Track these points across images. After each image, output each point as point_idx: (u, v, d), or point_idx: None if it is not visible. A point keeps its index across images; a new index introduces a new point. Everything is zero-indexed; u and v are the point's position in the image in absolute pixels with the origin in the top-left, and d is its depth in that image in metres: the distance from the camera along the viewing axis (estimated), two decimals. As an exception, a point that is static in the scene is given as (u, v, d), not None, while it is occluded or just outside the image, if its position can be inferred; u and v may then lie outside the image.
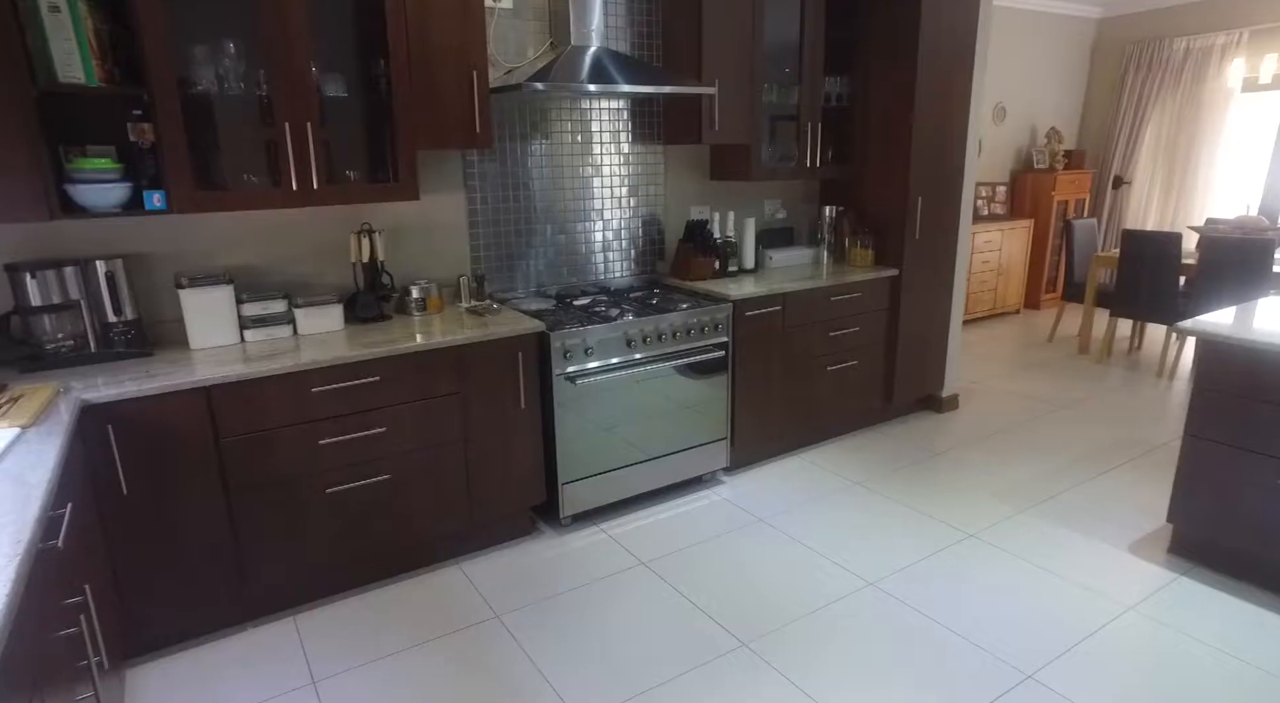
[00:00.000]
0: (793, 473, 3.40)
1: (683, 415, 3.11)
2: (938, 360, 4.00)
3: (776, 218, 3.92)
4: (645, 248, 3.54)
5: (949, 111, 3.65)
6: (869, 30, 3.64)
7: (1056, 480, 3.29)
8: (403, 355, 2.39)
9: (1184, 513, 2.60)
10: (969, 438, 3.77)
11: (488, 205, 3.08)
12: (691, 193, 3.62)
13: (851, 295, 3.54)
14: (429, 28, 2.50)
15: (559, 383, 2.75)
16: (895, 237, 3.68)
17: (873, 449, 3.64)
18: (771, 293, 3.25)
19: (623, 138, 3.36)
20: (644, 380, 2.96)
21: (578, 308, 3.05)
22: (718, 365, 3.15)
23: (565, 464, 2.84)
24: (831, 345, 3.54)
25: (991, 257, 6.09)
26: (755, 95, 3.32)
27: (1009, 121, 6.46)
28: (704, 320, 3.07)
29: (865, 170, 3.77)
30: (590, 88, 2.70)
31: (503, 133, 3.04)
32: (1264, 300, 2.84)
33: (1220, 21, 6.04)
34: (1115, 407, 4.21)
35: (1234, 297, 4.34)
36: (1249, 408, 2.38)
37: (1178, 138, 6.40)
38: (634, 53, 3.28)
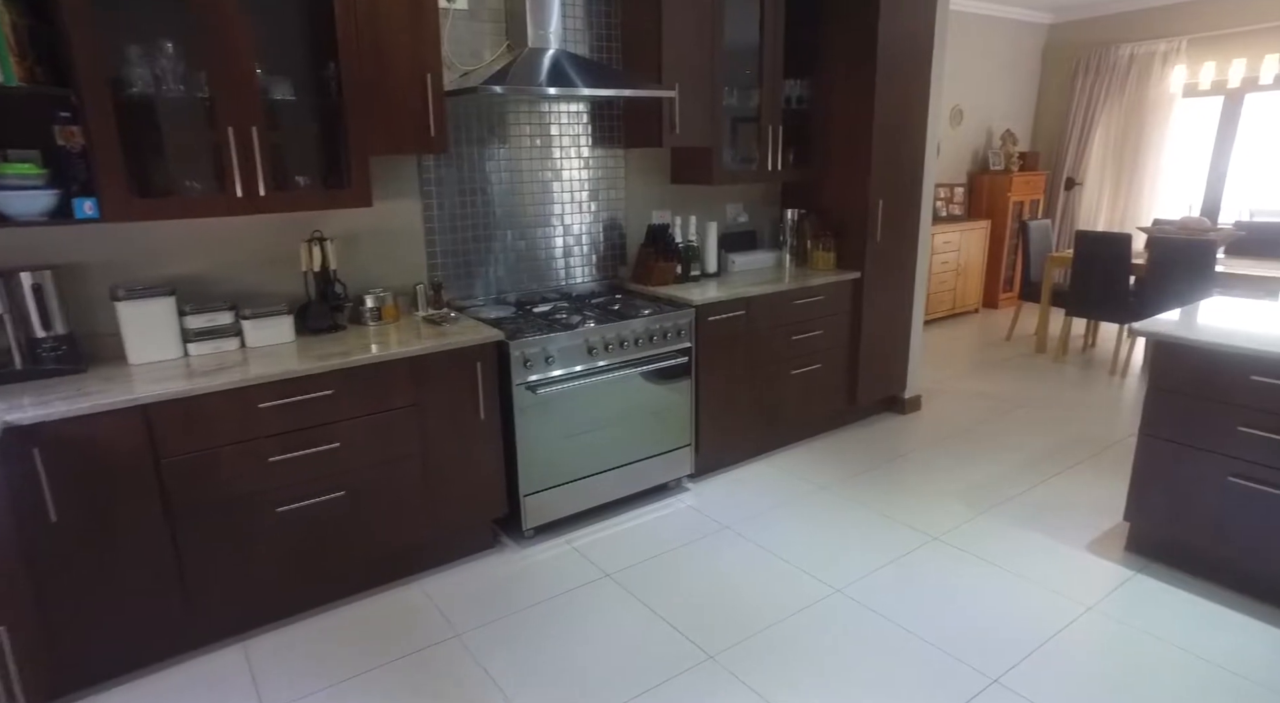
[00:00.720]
0: (757, 479, 3.38)
1: (646, 423, 3.07)
2: (900, 362, 4.02)
3: (739, 221, 3.91)
4: (607, 253, 3.49)
5: (908, 114, 3.67)
6: (829, 33, 3.65)
7: (1016, 480, 3.32)
8: (356, 368, 2.31)
9: (1140, 511, 2.64)
10: (931, 439, 3.80)
11: (445, 211, 3.00)
12: (653, 197, 3.59)
13: (814, 299, 3.53)
14: (381, 29, 2.42)
15: (519, 392, 2.69)
16: (857, 239, 3.69)
17: (837, 452, 3.65)
18: (734, 297, 3.23)
19: (583, 141, 3.31)
20: (606, 388, 2.91)
21: (538, 315, 3.00)
22: (681, 372, 3.12)
23: (527, 475, 2.78)
24: (795, 349, 3.53)
25: (951, 257, 6.17)
26: (716, 98, 3.29)
27: (966, 124, 6.56)
28: (666, 326, 3.03)
29: (826, 173, 3.78)
30: (549, 90, 2.65)
31: (459, 137, 2.97)
32: (1211, 301, 2.90)
33: (1161, 30, 6.21)
34: (1071, 405, 4.28)
35: (1181, 295, 4.45)
36: (1200, 407, 2.42)
37: (1125, 141, 6.56)
38: (593, 55, 3.23)
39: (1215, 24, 5.93)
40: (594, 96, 2.86)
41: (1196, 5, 6.02)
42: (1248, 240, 5.06)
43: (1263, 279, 4.37)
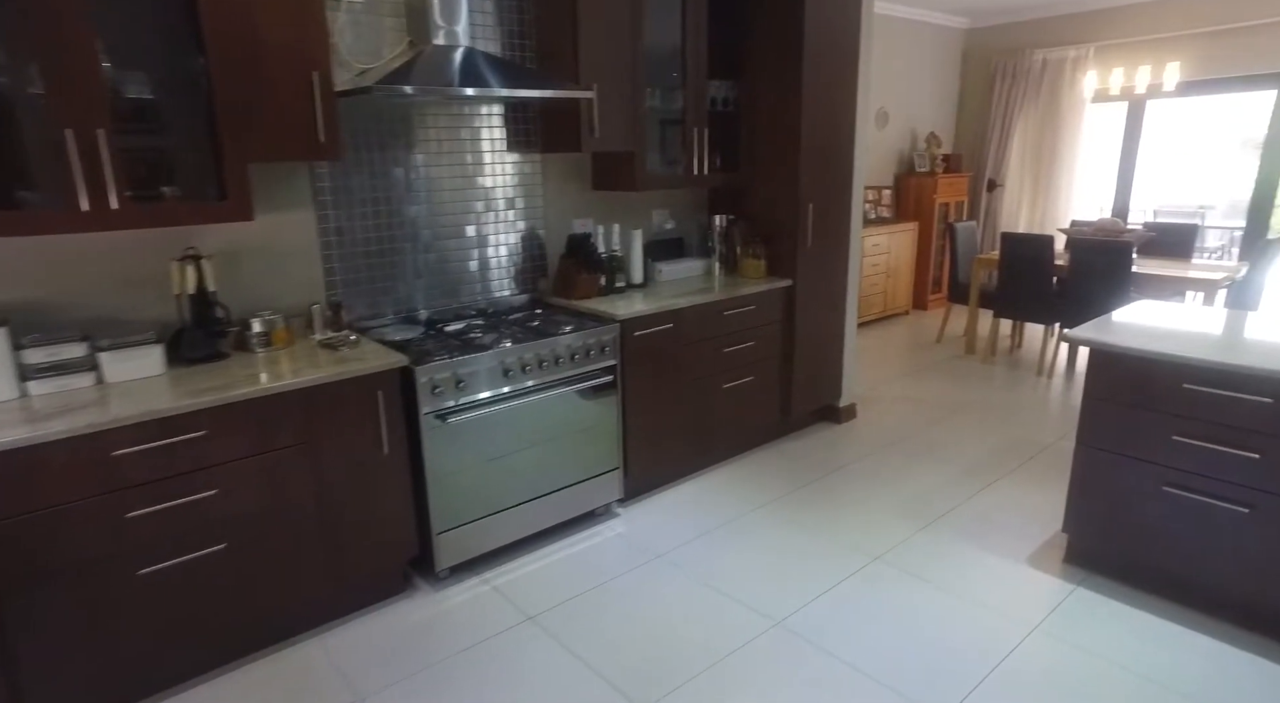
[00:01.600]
0: (691, 500, 3.22)
1: (571, 447, 2.87)
2: (834, 371, 3.93)
3: (665, 228, 3.75)
4: (525, 265, 3.27)
5: (836, 116, 3.58)
6: (754, 32, 3.52)
7: (954, 491, 3.26)
8: (236, 404, 2.03)
9: (1078, 523, 2.58)
10: (867, 450, 3.71)
11: (344, 224, 2.73)
12: (573, 204, 3.39)
13: (745, 308, 3.40)
14: (255, 19, 2.15)
15: (428, 422, 2.45)
16: (787, 245, 3.57)
17: (772, 468, 3.52)
18: (661, 310, 3.06)
19: (496, 146, 3.09)
20: (526, 413, 2.69)
21: (450, 335, 2.76)
22: (606, 391, 2.93)
23: (439, 511, 2.54)
24: (726, 362, 3.38)
25: (880, 260, 6.18)
26: (637, 100, 3.12)
27: (891, 126, 6.58)
28: (589, 343, 2.84)
29: (755, 177, 3.65)
30: (455, 91, 2.42)
31: (357, 143, 2.71)
32: (1139, 306, 2.88)
33: (1070, 36, 6.37)
34: (1003, 408, 4.28)
35: (1102, 296, 4.51)
36: (1135, 416, 2.37)
37: (1041, 144, 6.70)
38: (505, 54, 3.01)
39: (1120, 33, 6.10)
40: (508, 97, 2.65)
41: (1102, 14, 6.19)
42: (1156, 240, 5.20)
43: (1173, 279, 4.47)
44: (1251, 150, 9.77)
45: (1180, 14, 5.79)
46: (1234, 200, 9.63)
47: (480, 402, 2.57)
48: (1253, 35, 5.53)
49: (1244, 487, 2.20)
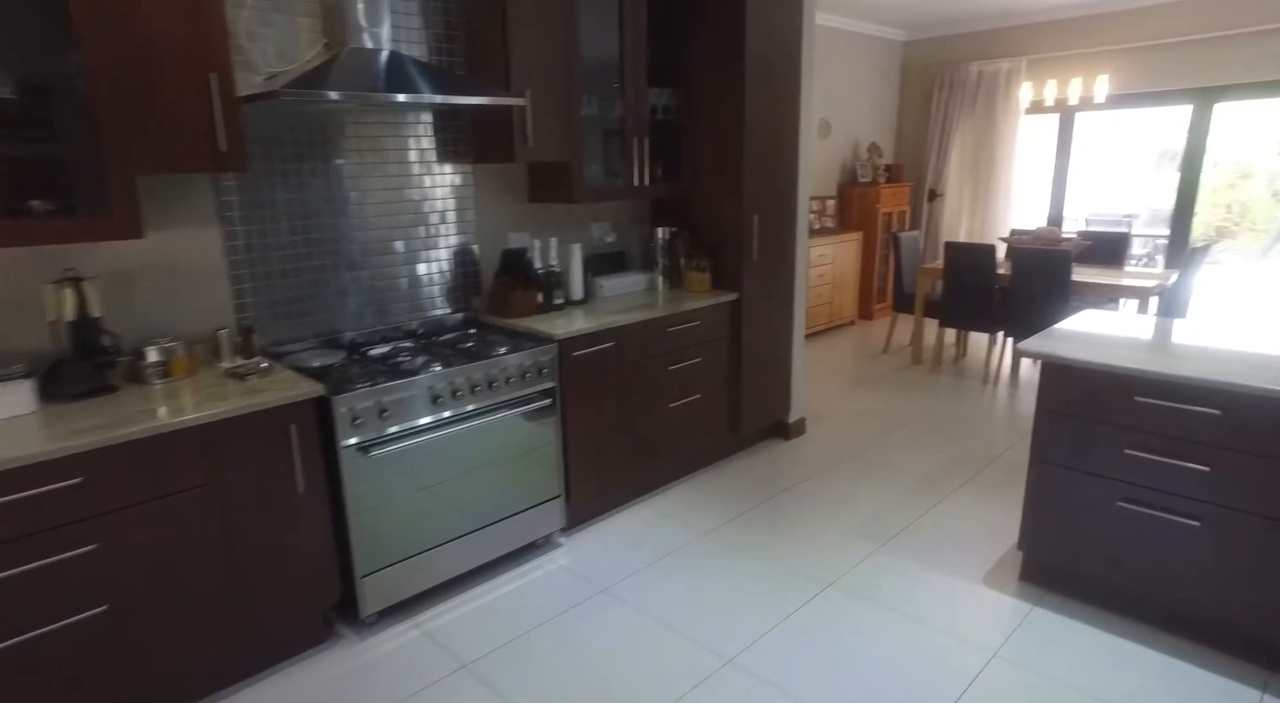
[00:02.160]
0: (637, 527, 3.07)
1: (508, 476, 2.69)
2: (783, 386, 3.84)
3: (606, 242, 3.60)
4: (458, 283, 3.08)
5: (780, 125, 3.50)
6: (695, 39, 3.42)
7: (906, 508, 3.18)
8: (120, 445, 1.81)
9: (1033, 540, 2.52)
10: (818, 466, 3.62)
11: (255, 241, 2.51)
12: (508, 218, 3.22)
13: (690, 324, 3.27)
14: (139, 10, 1.93)
15: (349, 456, 2.24)
16: (732, 257, 3.46)
17: (721, 489, 3.39)
18: (602, 328, 2.91)
19: (426, 157, 2.90)
20: (458, 441, 2.51)
21: (375, 360, 2.56)
22: (545, 415, 2.76)
23: (363, 552, 2.33)
24: (672, 380, 3.25)
25: (826, 270, 6.15)
26: (573, 107, 2.97)
27: (833, 136, 6.59)
28: (526, 365, 2.67)
29: (698, 187, 3.54)
30: (374, 97, 2.25)
31: (270, 153, 2.50)
32: (1085, 315, 2.85)
33: (1003, 49, 6.49)
34: (951, 419, 4.25)
35: (1043, 304, 4.54)
36: (1088, 430, 2.32)
37: (979, 154, 6.80)
38: (432, 59, 2.84)
39: (1050, 47, 6.24)
40: (433, 104, 2.48)
41: (1033, 29, 6.32)
42: (1091, 249, 5.29)
43: (1109, 287, 4.53)
44: (1168, 162, 10.21)
45: (1105, 31, 5.95)
46: (1154, 209, 10.04)
47: (407, 432, 2.37)
48: (1172, 53, 5.71)
49: (1195, 500, 2.15)
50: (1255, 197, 9.76)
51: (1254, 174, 9.63)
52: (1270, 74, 5.38)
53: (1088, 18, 6.02)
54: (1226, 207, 9.52)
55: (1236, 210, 9.74)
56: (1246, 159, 9.41)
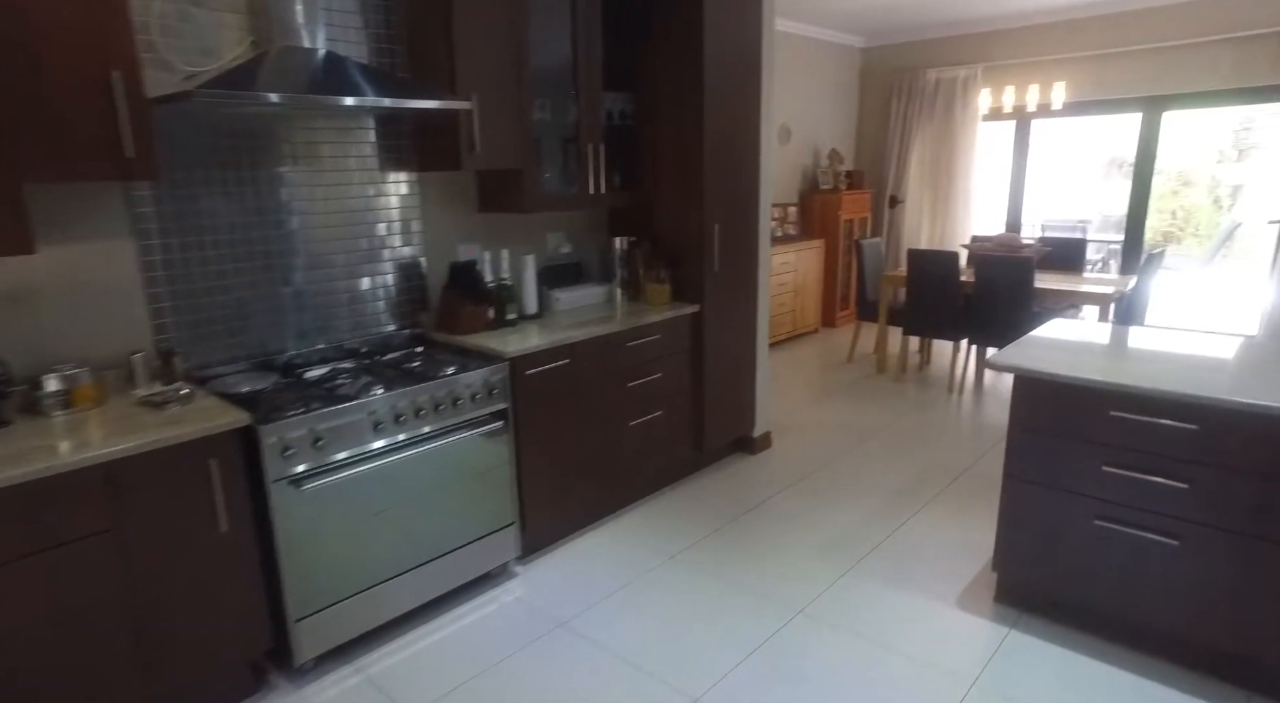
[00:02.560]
0: (597, 553, 2.91)
1: (458, 505, 2.52)
2: (747, 399, 3.72)
3: (561, 253, 3.45)
4: (404, 298, 2.90)
5: (740, 131, 3.39)
6: (652, 42, 3.29)
7: (876, 526, 3.08)
8: (2, 490, 1.60)
9: (1008, 561, 2.43)
10: (784, 483, 3.51)
11: (176, 256, 2.31)
12: (457, 228, 3.05)
13: (650, 338, 3.14)
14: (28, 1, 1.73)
15: (280, 491, 2.05)
16: (693, 268, 3.34)
17: (685, 509, 3.26)
18: (557, 344, 2.75)
19: (367, 164, 2.72)
20: (403, 470, 2.33)
21: (311, 383, 2.37)
22: (497, 438, 2.60)
23: (297, 594, 2.14)
24: (631, 397, 3.11)
25: (788, 278, 6.08)
26: (524, 112, 2.82)
27: (794, 143, 6.53)
28: (475, 385, 2.50)
29: (656, 196, 3.41)
30: (305, 99, 2.08)
31: (192, 160, 2.30)
32: (1055, 325, 2.78)
33: (959, 57, 6.52)
34: (918, 429, 4.18)
35: (1006, 311, 4.51)
36: (1063, 447, 2.23)
37: (938, 161, 6.81)
38: (372, 59, 2.66)
39: (1006, 55, 6.28)
40: (371, 107, 2.30)
41: (988, 37, 6.35)
42: (1050, 255, 5.29)
43: (1071, 293, 4.52)
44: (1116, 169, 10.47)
45: (1059, 39, 6.00)
46: (1106, 215, 10.26)
47: (345, 462, 2.19)
48: (1123, 62, 5.78)
49: (1174, 518, 2.08)
50: (1197, 203, 10.04)
51: (1195, 181, 9.90)
52: (1213, 84, 5.47)
53: (1042, 26, 6.07)
54: (1172, 213, 9.76)
55: (1181, 216, 10.01)
56: (1188, 167, 9.68)
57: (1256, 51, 5.24)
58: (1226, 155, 9.86)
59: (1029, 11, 5.95)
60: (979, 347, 4.88)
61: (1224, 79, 5.42)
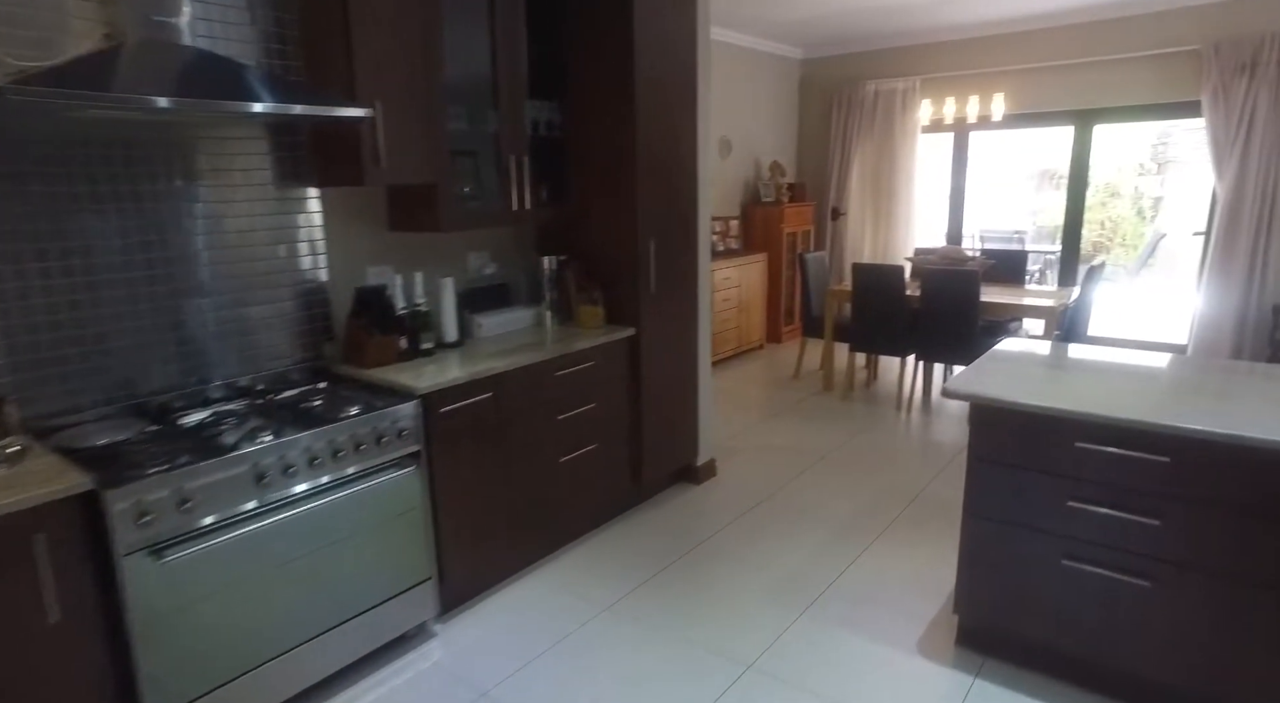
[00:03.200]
0: (527, 604, 2.64)
1: (365, 562, 2.22)
2: (689, 426, 3.50)
3: (485, 274, 3.18)
4: (305, 327, 2.59)
5: (676, 142, 3.18)
6: (579, 46, 3.07)
7: (828, 562, 2.88)
8: None
9: (970, 603, 2.25)
10: (730, 515, 3.29)
11: (10, 284, 1.96)
12: (367, 250, 2.75)
13: (582, 366, 2.89)
14: None
15: (134, 565, 1.73)
16: (628, 288, 3.11)
17: (625, 550, 3.01)
18: (477, 377, 2.48)
19: (256, 178, 2.42)
20: (296, 528, 2.02)
21: (186, 430, 2.05)
22: (408, 484, 2.31)
23: (158, 684, 1.81)
24: (562, 431, 2.85)
25: (732, 294, 5.91)
26: (437, 121, 2.55)
27: (735, 155, 6.40)
28: (382, 427, 2.21)
29: (587, 211, 3.17)
30: (153, 102, 1.76)
31: (28, 171, 1.96)
32: (1010, 345, 2.64)
33: (897, 69, 6.49)
34: (868, 451, 4.02)
35: (953, 326, 4.41)
36: (1027, 480, 2.06)
37: (879, 172, 6.77)
38: (262, 60, 2.36)
39: (944, 67, 6.27)
40: (244, 112, 2.00)
41: (926, 49, 6.34)
42: (993, 267, 5.25)
43: (1016, 307, 4.45)
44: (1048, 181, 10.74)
45: (995, 53, 6.02)
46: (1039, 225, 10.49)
47: (221, 524, 1.88)
48: (1056, 76, 5.82)
49: (1145, 557, 1.93)
50: (1123, 214, 10.35)
51: (1121, 193, 10.21)
52: (1139, 99, 5.56)
53: (978, 40, 6.08)
54: (1100, 223, 10.03)
55: (1109, 226, 10.30)
56: (1114, 179, 9.97)
57: (1177, 68, 5.34)
58: (1147, 168, 10.21)
59: (965, 25, 5.95)
60: (926, 363, 4.78)
61: (1149, 94, 5.51)
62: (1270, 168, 5.07)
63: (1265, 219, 5.14)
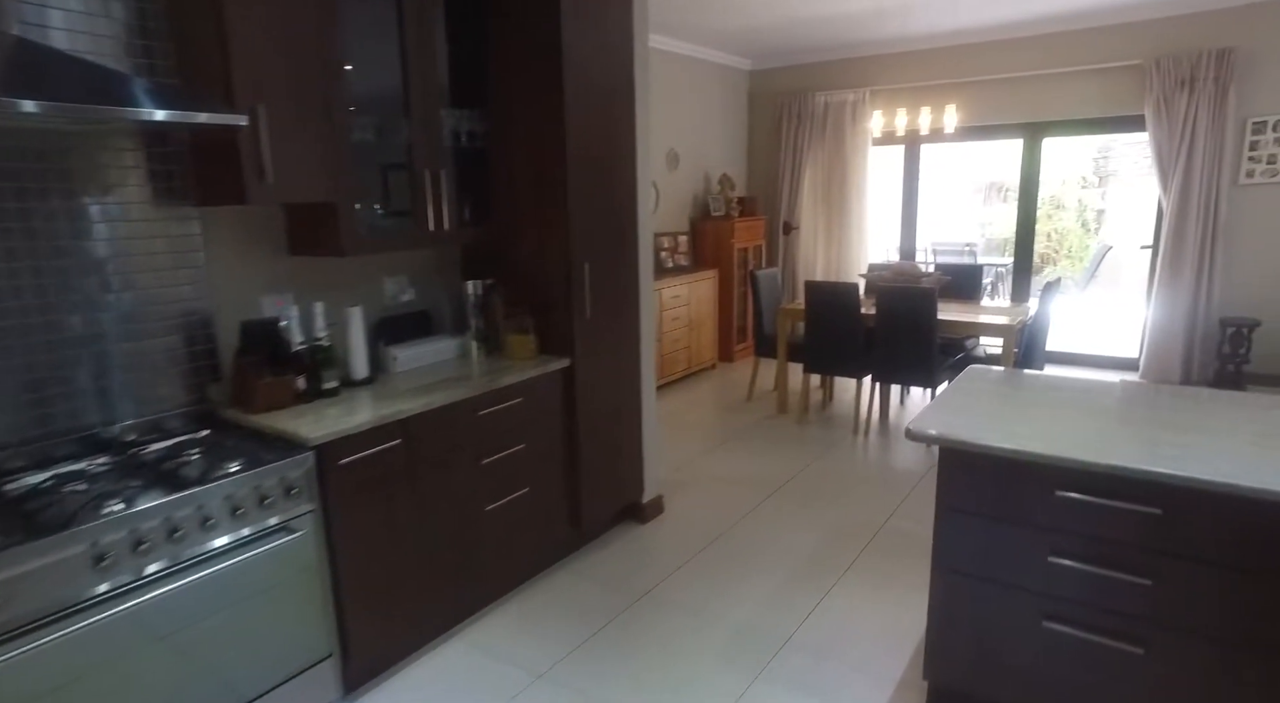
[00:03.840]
0: (448, 675, 2.32)
1: (247, 646, 1.88)
2: (633, 461, 3.22)
3: (403, 301, 2.86)
4: (187, 366, 2.25)
5: (612, 155, 2.92)
6: (503, 52, 2.79)
7: (786, 609, 2.63)
8: None
9: (941, 666, 2.01)
10: (679, 557, 3.02)
11: None
12: (264, 276, 2.42)
13: (510, 403, 2.60)
14: None
15: (-77, 681, 1.38)
16: (561, 314, 2.83)
17: (563, 604, 2.71)
18: (385, 421, 2.17)
19: (126, 195, 2.08)
20: (155, 614, 1.69)
21: (12, 500, 1.70)
22: (300, 550, 1.99)
23: (-35, 830, 1.45)
24: (488, 476, 2.55)
25: (681, 312, 5.67)
26: (339, 132, 2.25)
27: (683, 168, 6.18)
28: (266, 486, 1.89)
29: (515, 230, 2.89)
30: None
31: None
32: (975, 374, 2.43)
33: (846, 81, 6.38)
34: (824, 480, 3.80)
35: (910, 345, 4.24)
36: (1002, 532, 1.84)
37: (830, 185, 6.63)
38: (125, 58, 2.03)
39: (894, 79, 6.18)
40: (79, 116, 1.68)
41: (875, 61, 6.24)
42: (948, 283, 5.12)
43: (973, 325, 4.30)
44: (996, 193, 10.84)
45: (944, 65, 5.94)
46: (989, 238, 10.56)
47: (46, 620, 1.53)
48: (1005, 88, 5.77)
49: (1136, 619, 1.71)
50: (1068, 226, 10.49)
51: (1066, 205, 10.35)
52: (1086, 112, 5.54)
53: (926, 52, 5.99)
54: (1047, 235, 10.14)
55: (1055, 239, 10.42)
56: (1058, 191, 10.10)
57: (1122, 82, 5.34)
58: (1089, 181, 10.38)
59: (913, 37, 5.86)
60: (883, 384, 4.60)
61: (1095, 107, 5.50)
62: (1211, 182, 5.06)
63: (1209, 233, 5.13)
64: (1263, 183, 5.03)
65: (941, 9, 5.01)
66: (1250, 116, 4.98)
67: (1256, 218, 5.08)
